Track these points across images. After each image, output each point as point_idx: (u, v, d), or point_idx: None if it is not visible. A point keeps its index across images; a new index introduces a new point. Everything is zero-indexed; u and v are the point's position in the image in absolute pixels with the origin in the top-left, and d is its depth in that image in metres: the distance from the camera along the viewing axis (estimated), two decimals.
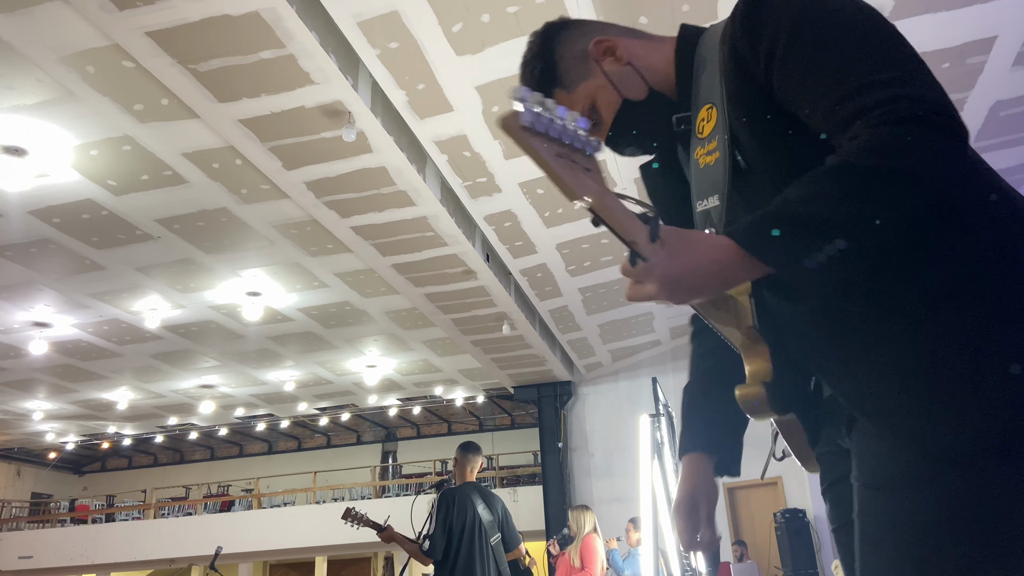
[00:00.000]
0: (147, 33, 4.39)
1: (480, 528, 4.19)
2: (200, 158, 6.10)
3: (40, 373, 11.51)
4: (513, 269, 8.44)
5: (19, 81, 5.12)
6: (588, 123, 0.86)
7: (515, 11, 4.72)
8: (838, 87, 0.92)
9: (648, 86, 1.20)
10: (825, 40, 0.95)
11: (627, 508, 9.33)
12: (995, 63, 5.50)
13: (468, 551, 4.11)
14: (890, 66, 0.91)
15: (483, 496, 4.38)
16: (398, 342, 11.27)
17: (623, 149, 1.26)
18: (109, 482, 20.67)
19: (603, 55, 1.20)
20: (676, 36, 1.25)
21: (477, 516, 4.21)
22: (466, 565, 4.08)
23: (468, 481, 4.38)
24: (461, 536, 4.12)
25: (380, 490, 17.20)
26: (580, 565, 5.89)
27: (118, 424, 15.45)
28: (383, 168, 5.96)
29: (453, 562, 4.09)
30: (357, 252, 7.50)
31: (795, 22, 0.97)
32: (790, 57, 0.97)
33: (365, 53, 4.92)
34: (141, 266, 8.11)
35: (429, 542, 4.05)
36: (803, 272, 0.85)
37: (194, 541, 14.78)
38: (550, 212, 7.24)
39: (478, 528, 4.19)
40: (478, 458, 4.48)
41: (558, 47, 1.22)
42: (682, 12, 4.85)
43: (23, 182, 6.22)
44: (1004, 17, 5.09)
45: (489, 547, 4.22)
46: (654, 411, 4.11)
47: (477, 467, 4.47)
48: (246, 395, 13.90)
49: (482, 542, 4.18)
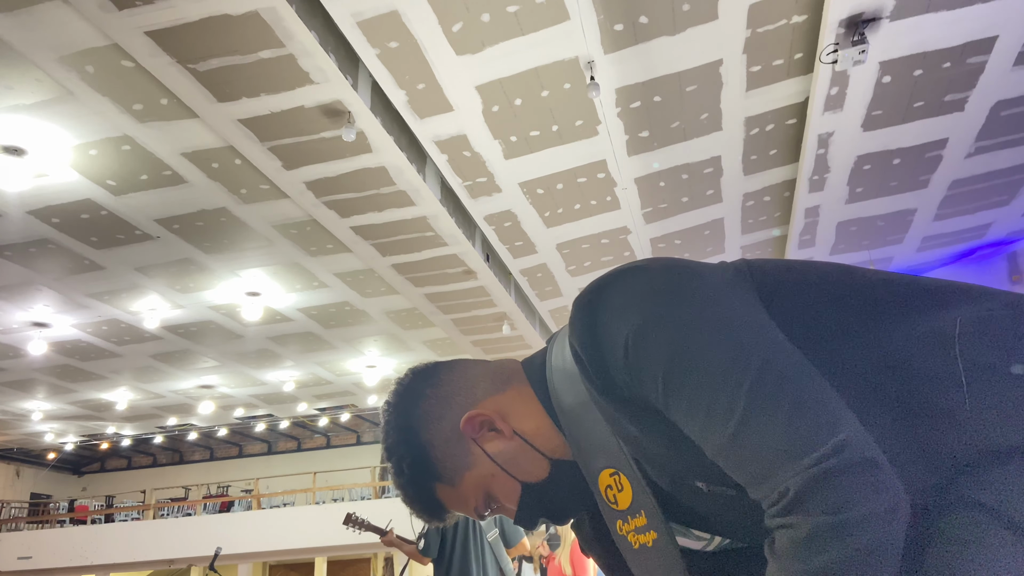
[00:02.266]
0: (146, 33, 4.38)
1: (475, 525, 4.19)
2: (199, 158, 6.09)
3: (39, 373, 11.50)
4: (513, 269, 8.44)
5: (18, 81, 5.11)
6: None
7: (515, 11, 4.71)
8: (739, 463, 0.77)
9: (547, 459, 0.95)
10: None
11: None
12: (996, 63, 5.49)
13: (463, 549, 4.12)
14: (764, 434, 0.74)
15: None
16: (398, 342, 11.26)
17: (536, 525, 0.99)
18: (108, 482, 20.66)
19: (480, 432, 0.94)
20: (526, 382, 0.99)
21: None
22: (461, 563, 4.09)
23: None
24: (455, 534, 4.13)
25: (380, 491, 17.18)
26: (571, 573, 5.62)
27: (117, 424, 15.44)
28: (383, 168, 5.95)
29: (449, 560, 4.10)
30: (357, 252, 7.50)
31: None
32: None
33: (365, 53, 4.91)
34: (140, 266, 8.10)
35: (424, 541, 4.07)
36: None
37: (193, 542, 14.76)
38: (550, 212, 7.23)
39: (472, 525, 4.19)
40: None
41: (422, 430, 0.95)
42: (682, 12, 4.85)
43: (22, 182, 6.21)
44: (1005, 17, 5.08)
45: (486, 544, 4.22)
46: None
47: None
48: (246, 395, 13.89)
49: (477, 539, 4.18)
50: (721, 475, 0.79)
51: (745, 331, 0.79)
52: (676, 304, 0.81)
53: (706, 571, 0.96)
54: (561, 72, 5.27)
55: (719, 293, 0.84)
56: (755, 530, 0.80)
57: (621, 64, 5.28)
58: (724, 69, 5.44)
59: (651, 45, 5.12)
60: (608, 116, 5.86)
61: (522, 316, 9.10)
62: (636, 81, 5.50)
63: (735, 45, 5.20)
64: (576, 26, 4.87)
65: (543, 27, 4.86)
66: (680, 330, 0.79)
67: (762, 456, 0.73)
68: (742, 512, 0.83)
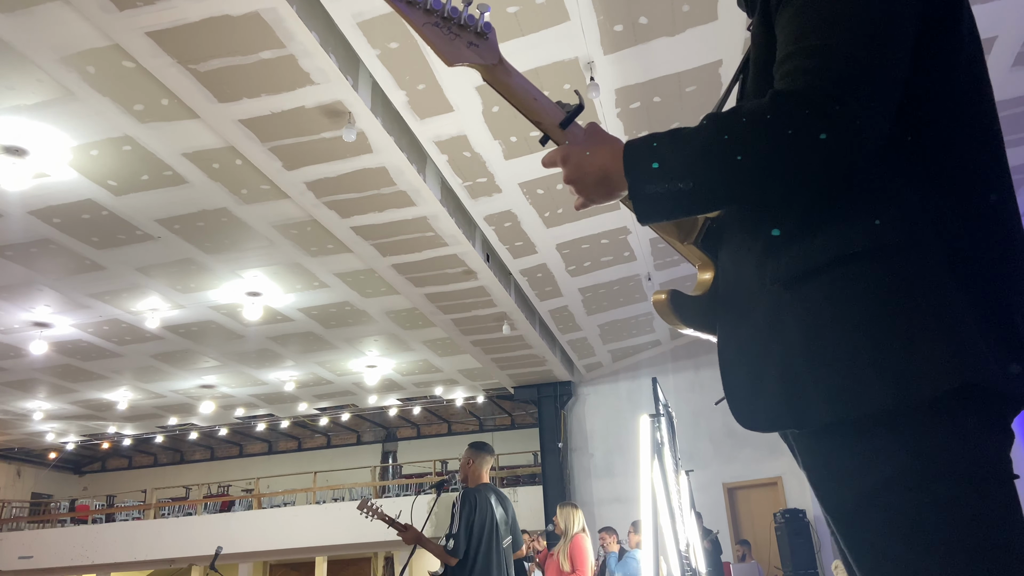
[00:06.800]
0: (147, 33, 4.39)
1: (496, 529, 4.19)
2: (200, 158, 6.10)
3: (40, 373, 11.51)
4: (513, 269, 8.44)
5: (19, 81, 5.12)
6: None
7: (515, 11, 4.72)
8: (782, 45, 0.94)
9: None
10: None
11: (627, 508, 9.35)
12: (995, 63, 5.50)
13: (486, 552, 4.10)
14: (824, 32, 0.89)
15: (499, 498, 4.37)
16: (398, 342, 11.27)
17: None
18: (109, 482, 20.66)
19: None
20: None
21: (495, 518, 4.21)
22: (484, 566, 4.06)
23: (484, 482, 4.37)
24: (481, 537, 4.10)
25: (380, 490, 17.19)
26: (571, 568, 5.63)
27: (118, 424, 15.45)
28: (383, 168, 5.96)
29: (472, 563, 4.06)
30: (357, 252, 7.50)
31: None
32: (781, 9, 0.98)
33: (365, 53, 4.92)
34: (141, 266, 8.11)
35: (453, 541, 4.02)
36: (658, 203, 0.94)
37: (194, 541, 14.77)
38: (550, 212, 7.24)
39: (495, 530, 4.18)
40: (491, 459, 4.46)
41: None
42: (682, 12, 4.86)
43: (23, 182, 6.21)
44: (1004, 17, 5.09)
45: (503, 549, 4.21)
46: (654, 411, 4.10)
47: (489, 467, 4.45)
48: (246, 395, 13.90)
49: (498, 543, 4.17)
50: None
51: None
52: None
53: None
54: (561, 72, 5.28)
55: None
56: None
57: (621, 64, 5.28)
58: (724, 69, 5.44)
59: (651, 45, 5.13)
60: (608, 116, 5.87)
61: (522, 316, 9.10)
62: (636, 81, 5.51)
63: (735, 45, 5.20)
64: (576, 27, 4.88)
65: (543, 28, 4.87)
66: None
67: (805, 45, 0.89)
68: None
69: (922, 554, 0.82)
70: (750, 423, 0.96)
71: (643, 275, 9.09)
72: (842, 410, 0.86)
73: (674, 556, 3.93)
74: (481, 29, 0.98)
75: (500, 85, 1.01)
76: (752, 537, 10.90)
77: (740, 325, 1.00)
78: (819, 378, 0.88)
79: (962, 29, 0.96)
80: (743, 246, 1.01)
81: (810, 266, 0.91)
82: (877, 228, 0.89)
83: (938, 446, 0.83)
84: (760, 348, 0.95)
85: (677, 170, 0.92)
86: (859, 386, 0.85)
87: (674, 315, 1.11)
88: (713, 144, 0.90)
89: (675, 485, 4.33)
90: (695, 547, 5.01)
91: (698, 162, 0.91)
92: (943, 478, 0.83)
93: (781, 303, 0.93)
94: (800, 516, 9.77)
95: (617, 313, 10.17)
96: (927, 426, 0.84)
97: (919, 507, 0.83)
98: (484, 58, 0.97)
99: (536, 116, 1.02)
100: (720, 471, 11.22)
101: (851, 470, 0.87)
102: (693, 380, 11.56)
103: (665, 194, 0.93)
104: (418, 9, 0.94)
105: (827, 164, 0.86)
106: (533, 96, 1.02)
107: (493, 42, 1.00)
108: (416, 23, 0.94)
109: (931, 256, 0.87)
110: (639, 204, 0.96)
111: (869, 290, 0.87)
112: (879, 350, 0.85)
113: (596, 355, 11.79)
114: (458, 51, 0.96)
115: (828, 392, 0.87)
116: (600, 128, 1.04)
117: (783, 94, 0.88)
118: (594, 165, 1.00)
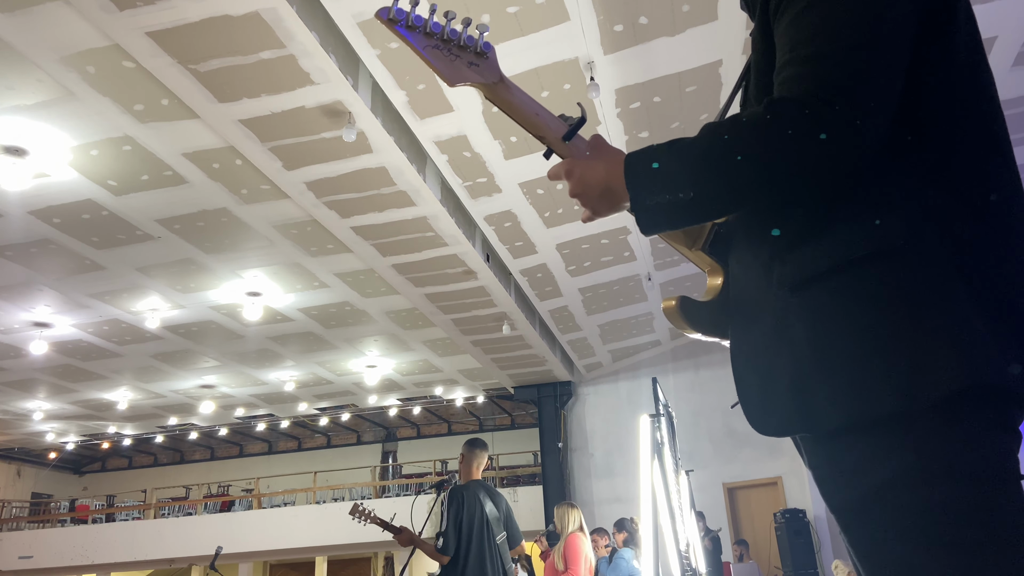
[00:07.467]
0: (147, 33, 4.39)
1: (488, 526, 4.19)
2: (200, 158, 6.10)
3: (40, 373, 11.51)
4: (513, 269, 8.44)
5: (19, 81, 5.12)
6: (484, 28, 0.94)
7: (515, 11, 4.72)
8: (780, 54, 0.95)
9: None
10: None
11: (627, 508, 9.34)
12: (995, 63, 5.50)
13: (479, 549, 4.11)
14: (820, 39, 0.90)
15: (489, 494, 4.38)
16: (398, 342, 11.27)
17: None
18: (109, 482, 20.66)
19: None
20: None
21: (485, 514, 4.22)
22: (477, 563, 4.07)
23: (475, 479, 4.38)
24: (471, 533, 4.11)
25: (380, 490, 17.19)
26: (564, 567, 5.64)
27: (118, 424, 15.44)
28: (383, 168, 5.96)
29: (464, 560, 4.07)
30: (357, 252, 7.50)
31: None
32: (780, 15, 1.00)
33: (365, 53, 4.92)
34: (141, 266, 8.11)
35: (443, 540, 4.04)
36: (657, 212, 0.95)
37: (194, 541, 14.76)
38: (550, 212, 7.24)
39: (486, 526, 4.19)
40: (484, 454, 4.48)
41: None
42: (682, 12, 4.86)
43: (23, 182, 6.21)
44: (1004, 17, 5.09)
45: (496, 545, 4.22)
46: (654, 411, 4.10)
47: (483, 464, 4.47)
48: (246, 395, 13.90)
49: (490, 539, 4.18)
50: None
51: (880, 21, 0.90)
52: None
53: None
54: (561, 72, 5.28)
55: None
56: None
57: (621, 64, 5.28)
58: (724, 69, 5.44)
59: (651, 45, 5.13)
60: (608, 116, 5.87)
61: (522, 316, 9.10)
62: (636, 81, 5.51)
63: (735, 45, 5.20)
64: (576, 27, 4.87)
65: (543, 28, 4.87)
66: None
67: (802, 54, 0.90)
68: None
69: (926, 553, 0.82)
70: (763, 428, 0.97)
71: (643, 275, 9.09)
72: (851, 414, 0.87)
73: (674, 556, 3.93)
74: (481, 49, 0.99)
75: (502, 102, 1.03)
76: (752, 537, 10.90)
77: (750, 330, 1.01)
78: (827, 382, 0.89)
79: (960, 28, 0.96)
80: (750, 251, 1.02)
81: (816, 270, 0.92)
82: (881, 230, 0.89)
83: (944, 446, 0.84)
84: (770, 353, 0.96)
85: (677, 179, 0.93)
86: (867, 390, 0.86)
87: (684, 321, 1.12)
88: (712, 150, 0.91)
89: (675, 485, 4.33)
90: (695, 547, 5.01)
91: (698, 169, 0.92)
92: (948, 477, 0.83)
93: (788, 308, 0.94)
94: (800, 516, 9.77)
95: (617, 313, 10.17)
96: (934, 426, 0.84)
97: (924, 506, 0.83)
98: (485, 77, 0.99)
99: (539, 131, 1.03)
100: (720, 471, 11.22)
101: (857, 468, 0.88)
102: (693, 380, 11.56)
103: (666, 204, 0.94)
104: (418, 33, 0.96)
105: (828, 164, 0.87)
106: (535, 111, 1.03)
107: (493, 61, 1.02)
108: (417, 47, 0.96)
109: (936, 256, 0.88)
110: (641, 216, 0.97)
111: (874, 293, 0.88)
112: (886, 353, 0.85)
113: (596, 355, 11.79)
114: (459, 72, 0.98)
115: (836, 396, 0.88)
116: (603, 140, 1.05)
117: (780, 100, 0.89)
118: (596, 179, 1.01)
